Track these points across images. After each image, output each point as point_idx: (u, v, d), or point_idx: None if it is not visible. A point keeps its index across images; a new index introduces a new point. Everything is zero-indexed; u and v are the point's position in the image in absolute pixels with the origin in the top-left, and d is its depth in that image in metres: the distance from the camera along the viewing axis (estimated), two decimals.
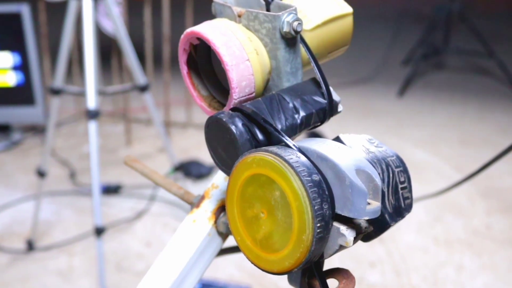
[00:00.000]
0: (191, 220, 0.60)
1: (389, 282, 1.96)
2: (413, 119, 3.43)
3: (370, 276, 1.98)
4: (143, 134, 3.09)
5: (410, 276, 1.97)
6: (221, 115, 0.49)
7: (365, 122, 3.38)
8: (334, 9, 0.58)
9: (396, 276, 1.97)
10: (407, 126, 3.31)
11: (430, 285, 1.94)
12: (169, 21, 2.70)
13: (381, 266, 2.02)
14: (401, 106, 3.64)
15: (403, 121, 3.39)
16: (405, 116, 3.48)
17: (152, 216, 2.32)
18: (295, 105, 0.52)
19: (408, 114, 3.52)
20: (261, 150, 0.46)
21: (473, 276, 1.96)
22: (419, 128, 3.28)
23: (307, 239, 0.43)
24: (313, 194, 0.43)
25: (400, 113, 3.53)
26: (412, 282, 1.94)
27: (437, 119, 3.42)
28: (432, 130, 3.26)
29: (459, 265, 2.02)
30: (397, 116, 3.48)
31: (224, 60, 0.50)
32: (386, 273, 1.99)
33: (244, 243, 0.48)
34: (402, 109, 3.60)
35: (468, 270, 2.00)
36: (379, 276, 1.98)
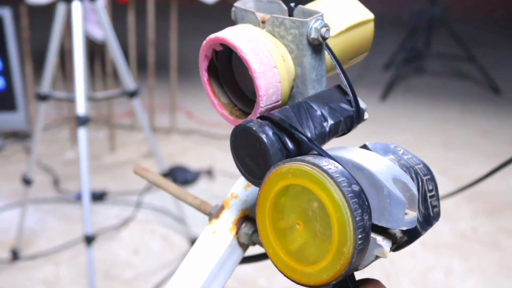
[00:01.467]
0: (211, 231, 0.58)
1: None
2: (396, 123, 3.45)
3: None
4: (127, 140, 3.05)
5: (400, 280, 1.98)
6: (250, 123, 0.48)
7: None
8: (356, 15, 0.58)
9: (386, 281, 1.97)
10: (391, 130, 3.33)
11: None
12: (153, 25, 2.68)
13: (371, 270, 2.02)
14: (384, 111, 3.66)
15: (387, 125, 3.41)
16: (388, 120, 3.50)
17: (138, 223, 2.29)
18: (323, 113, 0.51)
19: (391, 118, 3.54)
20: (296, 160, 0.45)
21: (462, 279, 1.97)
22: (403, 132, 3.30)
23: (348, 251, 0.42)
24: (354, 205, 0.42)
25: (383, 117, 3.55)
26: (402, 286, 1.94)
27: (420, 123, 3.44)
28: (416, 134, 3.28)
29: (447, 268, 2.03)
30: (380, 120, 3.50)
31: (251, 67, 0.49)
32: (376, 277, 1.98)
33: (276, 256, 0.47)
34: (385, 113, 3.62)
35: (457, 273, 2.01)
36: None
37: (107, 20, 1.67)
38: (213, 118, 3.43)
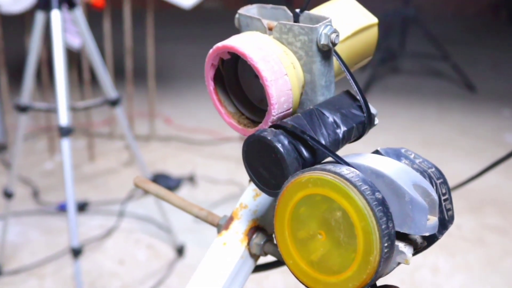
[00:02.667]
0: (221, 242, 0.57)
1: None
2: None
3: None
4: (106, 149, 3.01)
5: (387, 280, 1.98)
6: (264, 133, 0.47)
7: None
8: (361, 19, 0.57)
9: None
10: (371, 131, 3.34)
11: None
12: (130, 32, 2.65)
13: None
14: None
15: None
16: None
17: (122, 232, 2.26)
18: (335, 119, 0.51)
19: None
20: (316, 169, 0.44)
21: (449, 276, 1.99)
22: (382, 132, 3.32)
23: (375, 260, 0.41)
24: (379, 213, 0.41)
25: None
26: None
27: (399, 122, 3.47)
28: (395, 133, 3.31)
29: (434, 266, 2.04)
30: None
31: (263, 75, 0.48)
32: None
33: (297, 267, 0.46)
34: None
35: (444, 271, 2.02)
36: None
37: (86, 29, 1.64)
38: (191, 124, 3.41)
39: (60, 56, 1.53)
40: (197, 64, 4.86)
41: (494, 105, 3.78)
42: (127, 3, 2.52)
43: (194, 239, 2.23)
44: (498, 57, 5.19)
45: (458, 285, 1.94)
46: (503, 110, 3.74)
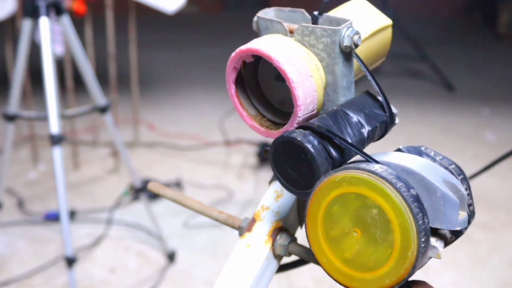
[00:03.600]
0: (245, 244, 0.57)
1: None
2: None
3: None
4: (90, 156, 2.99)
5: None
6: (293, 134, 0.48)
7: None
8: (377, 21, 0.58)
9: None
10: None
11: None
12: (113, 38, 2.64)
13: None
14: None
15: None
16: None
17: (112, 240, 2.24)
18: (359, 119, 0.51)
19: None
20: (350, 168, 0.45)
21: (440, 274, 2.02)
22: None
23: (412, 255, 0.42)
24: (416, 209, 0.42)
25: None
26: None
27: None
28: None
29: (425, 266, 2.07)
30: None
31: (290, 77, 0.49)
32: None
33: (331, 265, 0.46)
34: None
35: (434, 268, 2.05)
36: None
37: (75, 36, 1.63)
38: (175, 129, 3.40)
39: (49, 64, 1.51)
40: (177, 70, 4.86)
41: (473, 104, 3.84)
42: (109, 9, 2.50)
43: (185, 244, 2.23)
44: (474, 57, 5.28)
45: (448, 281, 1.97)
46: (482, 108, 3.81)
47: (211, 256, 2.17)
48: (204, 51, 5.49)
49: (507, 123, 3.59)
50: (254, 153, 3.00)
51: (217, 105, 3.87)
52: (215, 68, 4.91)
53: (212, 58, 5.26)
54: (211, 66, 4.99)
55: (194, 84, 4.44)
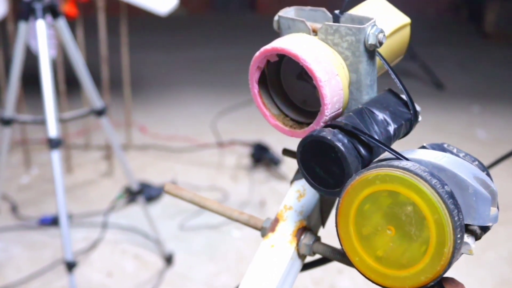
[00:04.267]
0: (269, 245, 0.57)
1: (360, 285, 1.98)
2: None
3: (340, 283, 2.00)
4: (82, 160, 2.97)
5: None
6: (322, 133, 0.48)
7: None
8: (396, 19, 0.58)
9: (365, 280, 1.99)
10: None
11: None
12: (106, 41, 2.62)
13: (349, 271, 2.04)
14: None
15: None
16: None
17: (108, 244, 2.22)
18: (385, 117, 0.52)
19: None
20: (382, 166, 0.45)
21: None
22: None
23: (449, 251, 0.42)
24: (451, 205, 0.42)
25: None
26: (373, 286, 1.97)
27: None
28: None
29: None
30: None
31: (317, 76, 0.49)
32: (355, 278, 2.01)
33: (364, 263, 0.47)
34: None
35: None
36: (349, 281, 2.00)
37: (71, 38, 1.62)
38: (167, 132, 3.39)
39: (46, 67, 1.50)
40: (167, 72, 4.84)
41: (463, 102, 3.87)
42: (101, 11, 2.49)
43: (182, 247, 2.22)
44: (462, 55, 5.32)
45: None
46: (472, 106, 3.84)
47: (209, 258, 2.16)
48: (193, 53, 5.48)
49: (497, 120, 3.62)
50: (247, 154, 3.00)
51: (208, 107, 3.87)
52: (205, 70, 4.90)
53: (201, 59, 5.25)
54: (201, 67, 4.98)
55: (185, 86, 4.43)
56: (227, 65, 5.07)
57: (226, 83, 4.52)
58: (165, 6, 2.49)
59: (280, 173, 2.81)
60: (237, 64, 5.07)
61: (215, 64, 5.12)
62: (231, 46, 5.83)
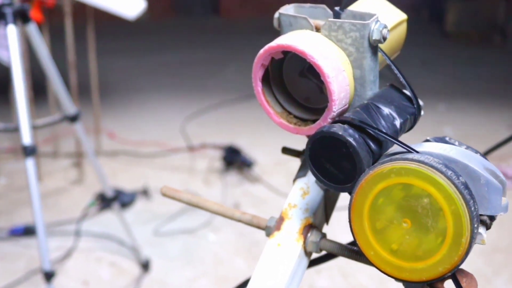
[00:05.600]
0: (275, 244, 0.57)
1: (338, 284, 2.00)
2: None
3: (318, 282, 2.01)
4: (51, 168, 2.91)
5: (356, 276, 2.03)
6: (333, 129, 0.48)
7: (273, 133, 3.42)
8: (393, 16, 0.59)
9: (343, 278, 2.01)
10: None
11: (377, 283, 2.01)
12: (73, 47, 2.58)
13: (327, 271, 2.05)
14: None
15: None
16: None
17: (82, 252, 2.19)
18: (391, 112, 0.52)
19: None
20: (397, 159, 0.45)
21: None
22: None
23: (466, 241, 0.43)
24: (467, 196, 0.43)
25: None
26: (360, 282, 1.99)
27: None
28: None
29: None
30: None
31: (325, 72, 0.49)
32: (334, 276, 2.03)
33: (379, 257, 0.47)
34: None
35: None
36: (327, 280, 2.01)
37: (43, 44, 1.59)
38: (136, 137, 3.35)
39: (18, 73, 1.47)
40: (133, 77, 4.79)
41: (429, 101, 3.93)
42: (68, 17, 2.45)
43: (157, 252, 2.19)
44: (425, 55, 5.41)
45: None
46: (438, 105, 3.91)
47: (186, 263, 2.14)
48: (158, 58, 5.44)
49: (463, 118, 3.70)
50: (219, 157, 2.98)
51: (176, 111, 3.84)
52: (171, 74, 4.87)
53: (167, 64, 5.22)
54: (167, 72, 4.95)
55: (152, 90, 4.39)
56: (192, 69, 5.05)
57: (193, 87, 4.50)
58: (133, 10, 2.47)
59: (253, 176, 2.81)
60: (202, 68, 5.05)
61: (180, 68, 5.09)
62: (195, 50, 5.82)
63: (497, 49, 5.61)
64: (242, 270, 2.11)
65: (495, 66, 5.09)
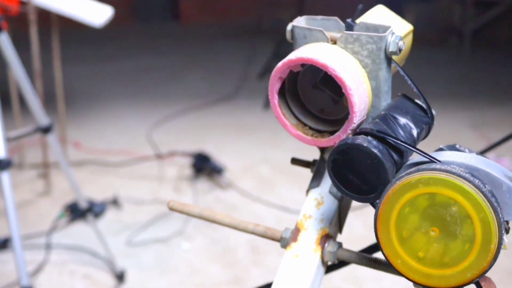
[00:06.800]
0: (293, 255, 0.57)
1: None
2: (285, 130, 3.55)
3: None
4: (17, 180, 2.83)
5: (330, 278, 2.04)
6: (357, 141, 0.48)
7: (241, 138, 3.44)
8: (402, 27, 0.60)
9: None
10: (283, 137, 3.42)
11: (352, 284, 2.03)
12: (38, 55, 2.53)
13: None
14: (269, 118, 3.75)
15: (277, 133, 3.50)
16: (277, 127, 3.59)
17: (54, 265, 2.14)
18: (408, 122, 0.53)
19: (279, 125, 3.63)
20: (424, 170, 0.46)
21: None
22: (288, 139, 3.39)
23: (495, 247, 0.44)
24: (495, 203, 0.44)
25: (271, 125, 3.64)
26: (334, 284, 2.01)
27: None
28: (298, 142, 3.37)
29: None
30: (269, 128, 3.59)
31: (347, 85, 0.50)
32: None
33: (406, 266, 0.48)
34: (271, 121, 3.72)
35: None
36: None
37: (14, 54, 1.55)
38: (102, 146, 3.30)
39: None
40: (96, 85, 4.72)
41: None
42: (33, 25, 2.40)
43: (131, 263, 2.17)
44: None
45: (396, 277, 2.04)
46: None
47: (161, 273, 2.12)
48: (119, 64, 5.37)
49: None
50: (188, 164, 2.97)
51: (141, 118, 3.80)
52: (133, 81, 4.82)
53: (128, 71, 5.16)
54: (129, 79, 4.90)
55: (115, 98, 4.33)
56: (155, 75, 5.01)
57: (156, 93, 4.47)
58: (100, 17, 2.44)
59: (224, 182, 2.81)
60: (164, 75, 5.02)
61: (142, 75, 5.04)
62: (156, 56, 5.77)
63: (454, 50, 5.76)
64: (217, 277, 2.11)
65: (453, 67, 5.23)
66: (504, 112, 3.90)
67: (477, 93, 4.30)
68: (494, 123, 3.71)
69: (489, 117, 3.81)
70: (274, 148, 3.25)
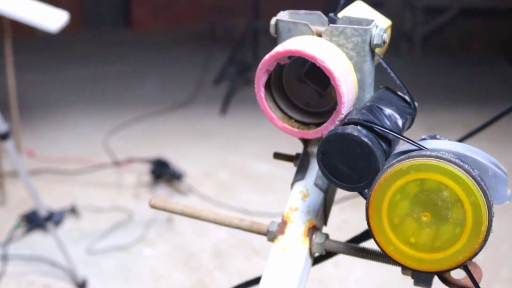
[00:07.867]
0: (281, 248, 0.57)
1: None
2: (243, 134, 3.57)
3: None
4: None
5: None
6: (347, 130, 0.49)
7: (199, 144, 3.42)
8: (381, 22, 0.62)
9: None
10: (241, 142, 3.43)
11: (317, 285, 2.05)
12: None
13: None
14: (227, 124, 3.76)
15: (235, 138, 3.50)
16: (235, 132, 3.60)
17: (12, 277, 2.08)
18: (393, 113, 0.54)
19: (237, 130, 3.64)
20: (414, 157, 0.47)
21: (350, 269, 2.12)
22: (252, 142, 3.41)
23: (485, 229, 0.46)
24: (484, 187, 0.46)
25: (228, 130, 3.64)
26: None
27: (265, 131, 3.58)
28: (262, 143, 3.40)
29: (334, 261, 2.16)
30: (227, 133, 3.58)
31: (335, 76, 0.50)
32: None
33: (399, 252, 0.49)
34: (229, 126, 3.72)
35: (344, 264, 2.14)
36: None
37: None
38: (57, 154, 3.23)
39: None
40: (48, 92, 4.61)
41: None
42: None
43: (92, 272, 2.12)
44: None
45: (360, 275, 2.07)
46: None
47: (123, 280, 2.09)
48: (72, 72, 5.27)
49: None
50: (147, 171, 2.93)
51: (96, 126, 3.74)
52: (87, 88, 4.73)
53: (81, 78, 5.06)
54: (83, 86, 4.80)
55: (69, 106, 4.24)
56: (109, 83, 4.93)
57: (111, 101, 4.40)
58: (55, 22, 2.39)
59: (184, 187, 2.79)
60: (119, 82, 4.95)
61: (95, 82, 4.96)
62: (109, 63, 5.68)
63: (405, 57, 5.90)
64: (181, 283, 2.09)
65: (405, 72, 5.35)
66: (456, 114, 4.02)
67: (429, 96, 4.41)
68: (446, 125, 3.82)
69: (442, 120, 3.92)
70: (233, 153, 3.25)
